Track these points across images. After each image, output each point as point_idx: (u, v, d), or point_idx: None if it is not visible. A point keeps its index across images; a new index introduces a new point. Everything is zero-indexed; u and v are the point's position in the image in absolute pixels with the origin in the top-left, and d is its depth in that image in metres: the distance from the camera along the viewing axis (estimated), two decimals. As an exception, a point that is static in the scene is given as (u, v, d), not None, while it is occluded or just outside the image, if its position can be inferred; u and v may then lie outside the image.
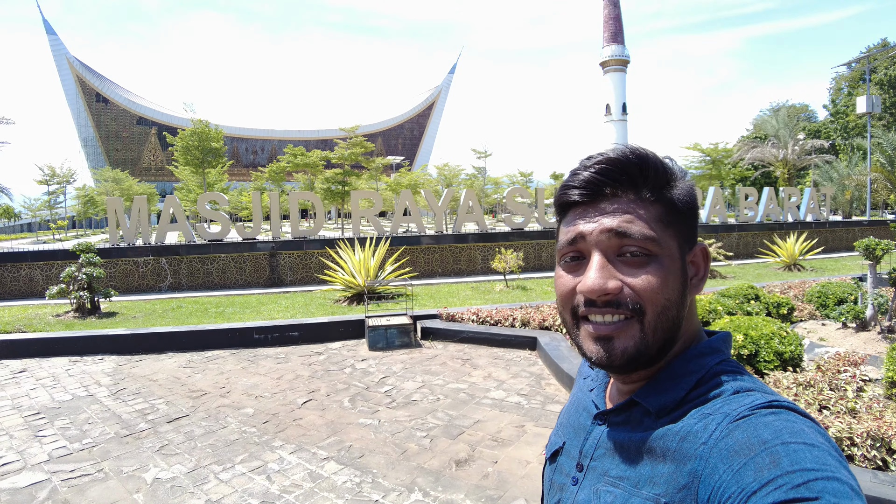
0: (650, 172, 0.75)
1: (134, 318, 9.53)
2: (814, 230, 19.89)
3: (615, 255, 0.73)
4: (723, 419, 0.65)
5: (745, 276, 14.98)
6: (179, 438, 4.89)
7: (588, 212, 0.75)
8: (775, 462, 0.56)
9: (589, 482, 0.77)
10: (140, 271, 12.78)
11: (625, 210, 0.73)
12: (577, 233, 0.75)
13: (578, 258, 0.76)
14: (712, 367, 0.74)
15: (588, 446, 0.81)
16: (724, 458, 0.60)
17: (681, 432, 0.67)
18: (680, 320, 0.74)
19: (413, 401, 5.85)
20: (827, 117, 56.39)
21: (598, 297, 0.72)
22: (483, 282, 13.64)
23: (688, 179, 0.79)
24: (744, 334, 6.24)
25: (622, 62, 76.30)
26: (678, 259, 0.74)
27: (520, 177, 59.23)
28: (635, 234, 0.72)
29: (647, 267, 0.72)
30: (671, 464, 0.66)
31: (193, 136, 26.13)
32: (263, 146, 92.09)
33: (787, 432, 0.59)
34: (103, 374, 6.91)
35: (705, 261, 0.79)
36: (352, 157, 34.18)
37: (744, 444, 0.60)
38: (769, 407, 0.64)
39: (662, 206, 0.75)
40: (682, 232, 0.76)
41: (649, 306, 0.71)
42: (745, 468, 0.58)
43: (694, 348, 0.76)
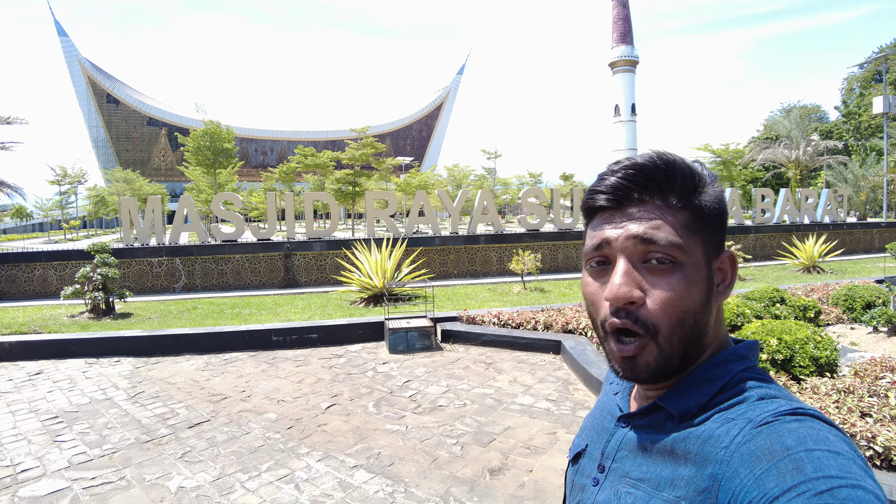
0: (677, 178, 0.74)
1: (149, 320, 9.42)
2: (831, 232, 19.58)
3: (640, 262, 0.73)
4: (746, 424, 0.65)
5: (764, 278, 14.74)
6: (202, 445, 4.74)
7: (615, 217, 0.76)
8: (798, 468, 0.55)
9: (610, 483, 0.77)
10: (154, 272, 12.68)
11: (651, 216, 0.73)
12: (602, 238, 0.76)
13: (604, 263, 0.76)
14: (737, 374, 0.73)
15: (610, 448, 0.81)
16: (745, 463, 0.60)
17: (703, 436, 0.68)
18: (702, 328, 0.73)
19: (439, 406, 5.69)
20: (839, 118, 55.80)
21: (622, 304, 0.72)
22: (499, 283, 13.45)
23: (717, 185, 0.78)
24: (777, 339, 6.05)
25: (631, 63, 75.86)
26: (704, 267, 0.74)
27: (529, 178, 59.02)
28: (661, 240, 0.71)
29: (671, 275, 0.72)
30: (692, 467, 0.66)
31: (205, 136, 26.06)
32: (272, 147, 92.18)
33: (811, 439, 0.59)
34: (120, 377, 6.78)
35: (732, 268, 0.78)
36: (363, 157, 34.09)
37: (766, 449, 0.60)
38: (793, 414, 0.63)
39: (689, 212, 0.74)
40: (709, 239, 0.75)
41: (664, 322, 0.71)
42: (768, 473, 0.57)
43: (720, 355, 0.76)
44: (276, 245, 13.51)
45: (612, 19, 75.35)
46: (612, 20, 75.31)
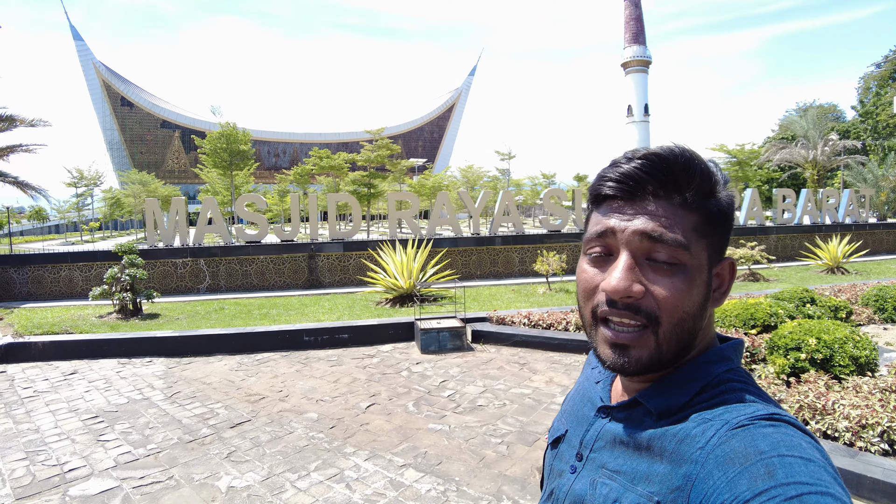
0: (696, 177, 0.72)
1: (177, 320, 9.44)
2: (854, 232, 19.31)
3: (643, 258, 0.71)
4: (722, 426, 0.65)
5: (788, 279, 14.56)
6: (246, 445, 4.72)
7: (623, 208, 0.73)
8: (770, 473, 0.56)
9: (587, 472, 0.77)
10: (178, 273, 12.73)
11: (662, 213, 0.70)
12: (608, 227, 0.73)
13: (605, 253, 0.74)
14: (719, 375, 0.73)
15: (589, 438, 0.81)
16: (719, 465, 0.60)
17: (679, 434, 0.68)
18: (696, 331, 0.73)
19: (479, 406, 5.64)
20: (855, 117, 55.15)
21: (620, 298, 0.70)
22: (524, 284, 13.37)
23: (729, 189, 0.76)
24: (816, 338, 6.00)
25: (644, 63, 75.44)
26: (706, 271, 0.72)
27: (542, 178, 58.77)
28: (669, 240, 0.69)
29: (673, 276, 0.70)
30: (667, 464, 0.66)
31: (221, 138, 26.17)
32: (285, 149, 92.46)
33: (784, 445, 0.59)
34: (155, 377, 6.79)
35: (731, 275, 0.77)
36: (378, 159, 34.09)
37: (740, 452, 0.60)
38: (769, 419, 0.64)
39: (701, 215, 0.72)
40: (714, 244, 0.73)
41: (666, 317, 0.70)
42: (740, 476, 0.57)
43: (704, 356, 0.75)
44: (300, 246, 13.52)
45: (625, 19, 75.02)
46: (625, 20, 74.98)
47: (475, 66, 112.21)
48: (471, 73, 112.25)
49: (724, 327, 7.80)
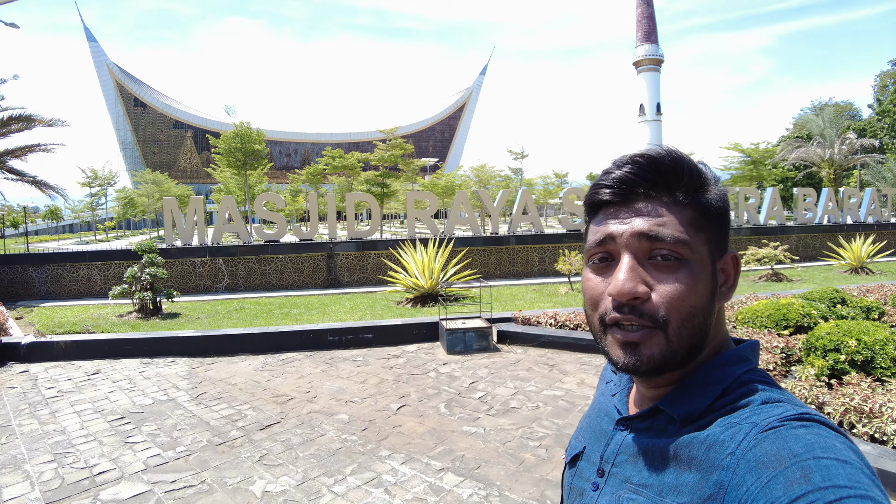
0: (685, 175, 0.73)
1: (198, 320, 9.37)
2: (876, 232, 18.96)
3: (645, 258, 0.71)
4: (751, 429, 0.63)
5: (811, 279, 14.30)
6: (278, 447, 4.61)
7: (620, 212, 0.73)
8: (807, 477, 0.54)
9: (610, 488, 0.75)
10: (197, 272, 12.69)
11: (657, 212, 0.71)
12: (606, 233, 0.73)
13: (607, 259, 0.74)
14: (740, 376, 0.72)
15: (609, 452, 0.79)
16: (752, 470, 0.58)
17: (707, 441, 0.66)
18: (707, 327, 0.72)
19: (512, 408, 5.50)
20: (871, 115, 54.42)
21: (626, 300, 0.69)
22: (545, 284, 13.22)
23: (720, 186, 0.77)
24: (856, 339, 5.83)
25: (656, 61, 74.84)
26: (709, 265, 0.72)
27: (554, 178, 58.34)
28: (667, 237, 0.69)
29: (677, 272, 0.70)
30: (696, 473, 0.64)
31: (235, 138, 26.16)
32: (296, 149, 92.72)
33: (819, 447, 0.57)
34: (178, 378, 6.70)
35: (735, 269, 0.77)
36: (391, 158, 34.00)
37: (773, 455, 0.58)
38: (800, 419, 0.62)
39: (695, 210, 0.73)
40: (713, 238, 0.73)
41: (674, 315, 0.69)
42: (775, 481, 0.55)
43: (721, 357, 0.74)
44: (319, 245, 13.45)
45: (637, 18, 74.46)
46: (637, 19, 74.43)
47: (486, 66, 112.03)
48: (482, 72, 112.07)
49: (755, 328, 7.62)
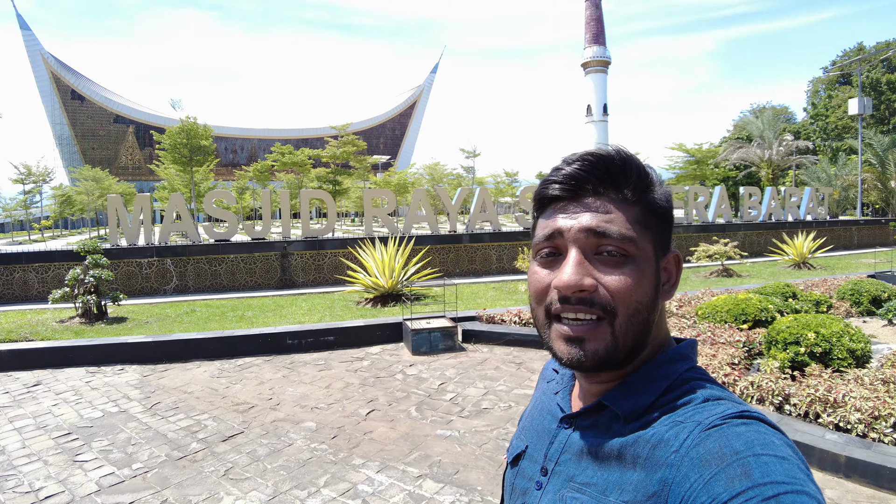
0: (633, 174, 0.74)
1: (147, 324, 8.87)
2: (814, 229, 19.92)
3: (592, 254, 0.72)
4: (694, 427, 0.64)
5: (759, 274, 14.85)
6: (243, 460, 4.35)
7: (568, 208, 0.74)
8: (747, 473, 0.56)
9: (554, 487, 0.75)
10: (144, 273, 12.03)
11: (605, 209, 0.72)
12: (555, 228, 0.74)
13: (555, 254, 0.75)
14: (682, 374, 0.73)
15: (553, 450, 0.79)
16: (695, 467, 0.60)
17: (652, 440, 0.66)
18: (650, 324, 0.73)
19: (484, 409, 5.41)
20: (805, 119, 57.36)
21: (572, 293, 0.70)
22: (504, 282, 13.21)
23: (665, 189, 0.78)
24: (814, 332, 6.05)
25: (603, 63, 76.60)
26: (653, 263, 0.74)
27: (505, 177, 58.97)
28: (614, 233, 0.71)
29: (623, 267, 0.71)
30: (641, 471, 0.65)
31: (181, 133, 25.06)
32: (243, 145, 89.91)
33: (758, 444, 0.59)
34: (129, 387, 6.29)
35: (677, 268, 0.78)
36: (344, 155, 33.44)
37: (716, 453, 0.59)
38: (741, 417, 0.63)
39: (642, 208, 0.74)
40: (657, 237, 0.75)
41: (621, 307, 0.70)
42: (717, 478, 0.57)
43: (664, 354, 0.76)
44: (272, 244, 13.00)
45: (585, 20, 76.00)
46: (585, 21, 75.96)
47: (437, 64, 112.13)
48: (433, 70, 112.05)
49: (716, 322, 7.80)
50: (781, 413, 4.82)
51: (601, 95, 76.50)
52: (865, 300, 9.38)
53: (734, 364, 5.92)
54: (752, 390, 5.09)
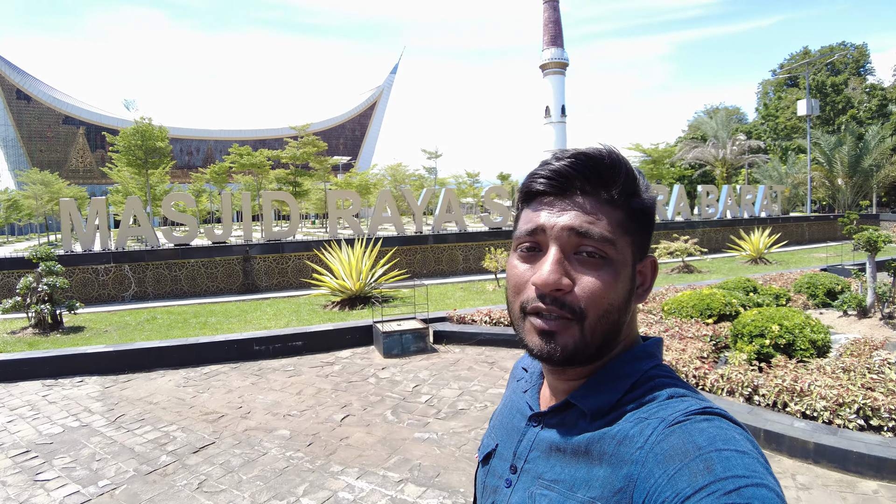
0: (621, 176, 0.74)
1: (105, 333, 8.52)
2: (769, 225, 20.65)
3: (572, 252, 0.73)
4: (659, 424, 0.65)
5: (718, 269, 15.28)
6: (217, 472, 4.21)
7: (554, 204, 0.74)
8: (709, 468, 0.57)
9: (523, 484, 0.76)
10: (100, 280, 11.55)
11: (590, 210, 0.73)
12: (538, 224, 0.74)
13: (535, 249, 0.75)
14: (647, 372, 0.75)
15: (522, 448, 0.80)
16: (659, 463, 0.61)
17: (618, 436, 0.67)
18: (621, 325, 0.74)
19: (460, 410, 5.39)
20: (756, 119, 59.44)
21: (549, 291, 0.71)
22: (471, 282, 13.23)
23: (650, 194, 0.78)
24: (778, 324, 6.24)
25: (561, 65, 77.55)
26: (630, 266, 0.75)
27: (467, 177, 59.20)
28: (595, 235, 0.71)
29: (600, 269, 0.72)
30: (607, 467, 0.66)
31: (136, 134, 24.17)
32: (198, 147, 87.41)
33: (720, 439, 0.60)
34: (91, 399, 6.03)
35: (653, 273, 0.80)
36: (304, 156, 32.92)
37: (679, 449, 0.61)
38: (703, 413, 0.65)
39: (625, 212, 0.74)
40: (637, 241, 0.76)
41: (591, 310, 0.71)
42: (680, 473, 0.58)
43: (630, 353, 0.77)
44: (234, 248, 12.67)
45: (543, 22, 76.85)
46: (543, 23, 76.82)
47: (397, 65, 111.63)
48: (392, 71, 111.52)
49: (682, 317, 7.97)
50: (751, 403, 4.95)
51: (559, 97, 77.47)
52: (821, 293, 9.74)
53: (703, 357, 6.06)
54: (723, 382, 5.22)
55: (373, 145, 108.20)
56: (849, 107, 47.52)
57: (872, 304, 8.51)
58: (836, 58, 48.75)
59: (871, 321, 8.32)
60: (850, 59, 52.12)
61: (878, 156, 30.17)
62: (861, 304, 8.54)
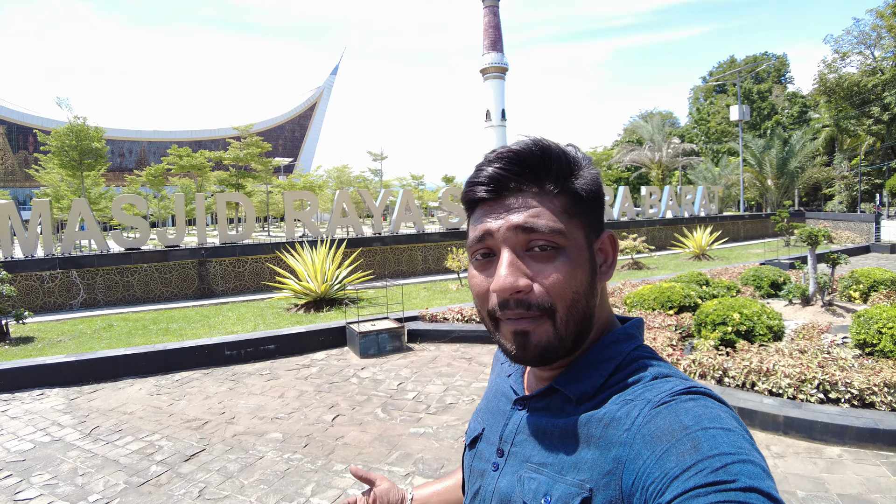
0: (553, 164, 0.74)
1: (60, 343, 8.06)
2: (708, 224, 21.74)
3: (524, 251, 0.73)
4: (645, 405, 0.66)
5: (665, 266, 15.97)
6: (215, 478, 4.10)
7: (494, 208, 0.75)
8: (696, 447, 0.58)
9: (510, 468, 0.77)
10: (46, 287, 10.88)
11: (530, 204, 0.73)
12: (484, 230, 0.74)
13: (489, 255, 0.75)
14: (629, 353, 0.75)
15: (508, 432, 0.81)
16: (647, 444, 0.62)
17: (605, 419, 0.68)
18: (591, 309, 0.75)
19: (449, 404, 5.46)
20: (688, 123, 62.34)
21: (509, 295, 0.71)
22: (433, 282, 13.29)
23: (592, 167, 0.78)
24: (738, 313, 6.65)
25: (501, 69, 78.50)
26: (585, 249, 0.75)
27: (412, 180, 59.19)
28: (542, 227, 0.71)
29: (555, 261, 0.72)
30: (595, 450, 0.67)
31: (70, 134, 22.80)
32: (131, 148, 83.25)
33: (706, 418, 0.61)
34: (57, 412, 5.70)
35: (613, 247, 0.80)
36: (247, 157, 32.03)
37: (666, 429, 0.62)
38: (688, 393, 0.66)
39: (567, 196, 0.74)
40: (588, 221, 0.76)
41: (559, 302, 0.71)
42: (668, 453, 0.59)
43: (610, 335, 0.77)
44: (188, 252, 12.22)
45: (484, 27, 77.60)
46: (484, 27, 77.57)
47: (337, 65, 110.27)
48: (333, 71, 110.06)
49: (645, 309, 8.32)
50: (722, 385, 5.29)
51: (499, 101, 78.40)
52: (766, 284, 10.37)
53: (673, 345, 6.37)
54: (695, 367, 5.54)
55: (313, 147, 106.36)
56: (773, 113, 50.67)
57: (814, 293, 9.15)
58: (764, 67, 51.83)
59: (814, 308, 8.95)
60: (772, 67, 55.53)
61: (803, 158, 32.34)
62: (805, 293, 9.17)
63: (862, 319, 6.18)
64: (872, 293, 9.17)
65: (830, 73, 37.02)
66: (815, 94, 41.78)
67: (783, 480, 3.77)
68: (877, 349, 5.92)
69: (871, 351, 5.96)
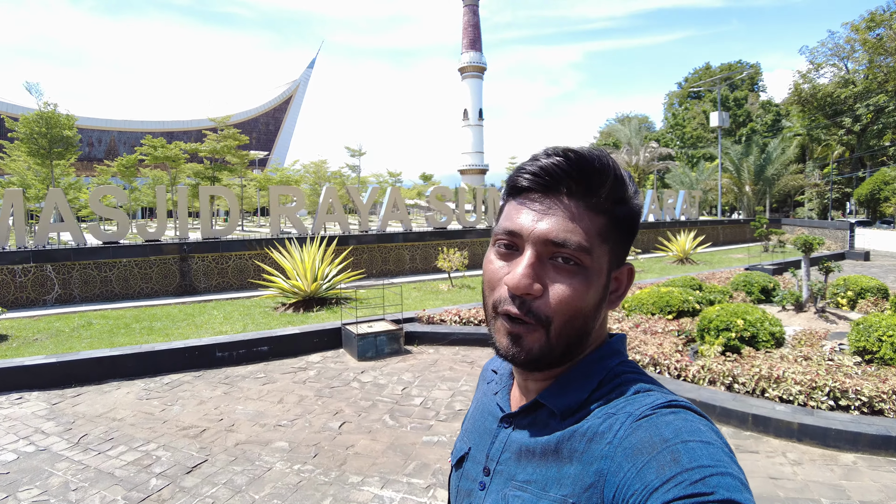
0: (608, 182, 0.73)
1: (36, 342, 7.63)
2: (689, 228, 21.98)
3: (548, 257, 0.72)
4: (626, 418, 0.66)
5: (651, 269, 16.06)
6: (224, 493, 3.84)
7: (535, 204, 0.74)
8: (676, 459, 0.58)
9: (496, 487, 0.76)
10: (17, 282, 10.31)
11: (569, 215, 0.72)
12: (517, 226, 0.74)
13: (512, 248, 0.75)
14: (613, 368, 0.76)
15: (494, 450, 0.80)
16: (628, 457, 0.62)
17: (587, 433, 0.69)
18: (588, 329, 0.75)
19: (459, 411, 5.29)
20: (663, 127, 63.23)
21: (520, 293, 0.71)
22: (423, 281, 13.07)
23: (638, 197, 0.77)
24: (742, 319, 6.63)
25: (479, 69, 78.82)
26: (605, 275, 0.74)
27: (389, 177, 58.71)
28: (572, 244, 0.71)
29: (573, 277, 0.71)
30: (578, 464, 0.67)
31: (40, 121, 21.81)
32: (100, 138, 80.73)
33: (686, 431, 0.62)
34: (39, 419, 5.33)
35: (629, 280, 0.80)
36: (224, 150, 31.22)
37: (646, 442, 0.62)
38: (669, 406, 0.66)
39: (607, 220, 0.74)
40: (616, 249, 0.76)
41: (557, 317, 0.71)
42: (648, 466, 0.60)
43: (597, 351, 0.78)
44: (170, 247, 11.76)
45: (463, 25, 77.79)
46: (463, 26, 77.76)
47: (314, 59, 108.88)
48: (309, 65, 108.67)
49: (644, 313, 8.27)
50: (732, 391, 5.25)
51: (477, 100, 78.72)
52: (756, 290, 10.45)
53: (679, 351, 6.31)
54: (704, 373, 5.49)
55: (287, 141, 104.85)
56: (749, 120, 51.71)
57: (808, 299, 9.23)
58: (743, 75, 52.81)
59: (808, 315, 9.03)
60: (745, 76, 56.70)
61: (779, 166, 33.01)
62: (798, 299, 9.24)
63: (861, 327, 6.21)
64: (860, 300, 9.30)
65: (805, 83, 37.88)
66: (788, 104, 42.74)
67: (804, 488, 3.72)
68: (877, 356, 5.95)
69: (871, 358, 5.99)
